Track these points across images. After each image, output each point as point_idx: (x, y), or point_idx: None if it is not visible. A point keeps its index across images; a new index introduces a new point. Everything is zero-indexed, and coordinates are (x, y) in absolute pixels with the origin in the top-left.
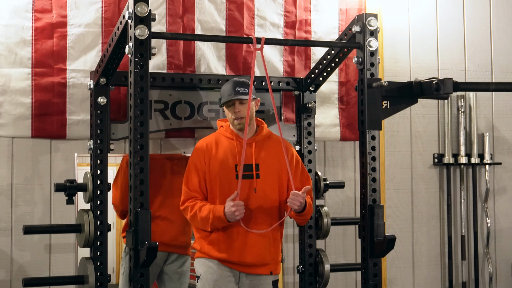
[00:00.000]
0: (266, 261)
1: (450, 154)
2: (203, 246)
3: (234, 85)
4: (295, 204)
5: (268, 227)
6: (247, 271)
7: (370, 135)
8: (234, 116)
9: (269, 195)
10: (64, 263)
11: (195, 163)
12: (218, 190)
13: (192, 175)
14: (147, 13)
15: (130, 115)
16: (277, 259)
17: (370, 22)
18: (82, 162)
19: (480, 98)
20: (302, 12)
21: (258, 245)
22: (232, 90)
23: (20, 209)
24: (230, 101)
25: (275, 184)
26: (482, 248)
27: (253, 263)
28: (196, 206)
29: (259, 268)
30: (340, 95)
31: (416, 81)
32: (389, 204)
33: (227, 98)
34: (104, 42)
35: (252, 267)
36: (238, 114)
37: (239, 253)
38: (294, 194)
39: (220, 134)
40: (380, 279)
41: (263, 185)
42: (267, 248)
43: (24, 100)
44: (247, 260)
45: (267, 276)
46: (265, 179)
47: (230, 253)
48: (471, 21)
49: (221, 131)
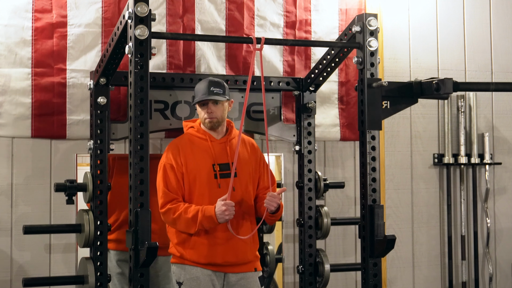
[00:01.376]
0: (248, 259)
1: (450, 154)
2: (184, 252)
3: (209, 84)
4: (272, 205)
5: (247, 223)
6: (231, 271)
7: (370, 135)
8: (206, 116)
9: (246, 192)
10: (64, 263)
11: (171, 163)
12: (197, 190)
13: (170, 175)
14: (147, 13)
15: (130, 115)
16: (257, 256)
17: (370, 22)
18: (82, 162)
19: (480, 98)
20: (302, 12)
21: (239, 244)
22: (206, 90)
23: (20, 209)
24: (203, 101)
25: (250, 182)
26: (482, 248)
27: (236, 262)
28: (180, 207)
29: (243, 266)
30: (340, 95)
31: (416, 81)
32: (389, 204)
33: (201, 98)
34: (104, 42)
35: (236, 266)
36: (211, 115)
37: (222, 254)
38: (272, 195)
39: (191, 135)
40: (380, 279)
41: (240, 183)
42: (248, 246)
43: (24, 100)
44: (231, 260)
45: (252, 273)
46: (241, 177)
47: (213, 256)
48: (471, 21)
49: (191, 132)
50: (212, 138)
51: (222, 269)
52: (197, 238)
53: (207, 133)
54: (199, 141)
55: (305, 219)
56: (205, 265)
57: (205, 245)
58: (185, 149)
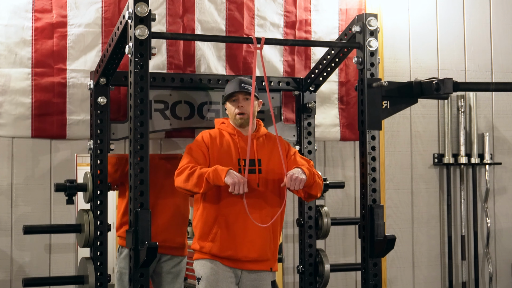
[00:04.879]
0: (267, 256)
1: (450, 154)
2: (204, 246)
3: (240, 81)
4: (297, 184)
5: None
6: (248, 268)
7: (370, 135)
8: (237, 111)
9: (271, 189)
10: (64, 263)
11: (200, 146)
12: None
13: (198, 152)
14: (147, 13)
15: (130, 115)
16: (276, 256)
17: (370, 22)
18: (82, 162)
19: (480, 98)
20: (302, 12)
21: (260, 240)
22: (238, 85)
23: (20, 209)
24: (234, 95)
25: (276, 179)
26: (482, 248)
27: (255, 258)
28: (197, 167)
29: (260, 263)
30: (340, 95)
31: (416, 81)
32: (389, 204)
33: (232, 90)
34: (104, 42)
35: (254, 262)
36: (241, 109)
37: (242, 248)
38: (290, 177)
39: (221, 130)
40: (380, 279)
41: (266, 180)
42: (267, 243)
43: (24, 100)
44: (250, 255)
45: (267, 273)
46: (267, 174)
47: (233, 249)
48: (471, 21)
49: (222, 127)
50: (241, 134)
51: (239, 266)
52: (218, 231)
53: (236, 128)
54: (228, 136)
55: (305, 219)
56: (223, 259)
57: (225, 238)
58: (214, 139)
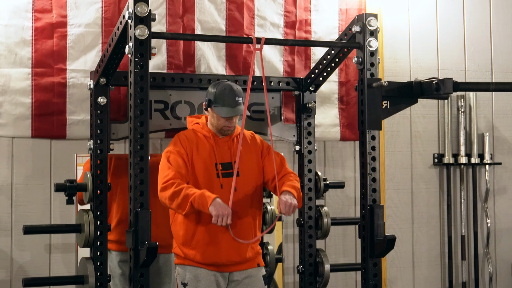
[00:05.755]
0: (251, 256)
1: (450, 154)
2: (187, 253)
3: (234, 95)
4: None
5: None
6: (235, 269)
7: (370, 135)
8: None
9: (250, 191)
10: (64, 263)
11: (180, 153)
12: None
13: (178, 160)
14: (147, 13)
15: (130, 115)
16: (259, 251)
17: (370, 22)
18: (82, 162)
19: (480, 98)
20: (302, 12)
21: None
22: (233, 101)
23: (20, 209)
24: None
25: (254, 180)
26: (482, 248)
27: (239, 261)
28: (183, 185)
29: (246, 264)
30: (340, 95)
31: (416, 81)
32: (389, 204)
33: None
34: (104, 42)
35: (239, 264)
36: (231, 124)
37: (224, 253)
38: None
39: (196, 131)
40: (380, 279)
41: (243, 182)
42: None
43: (24, 100)
44: (234, 259)
45: (256, 269)
46: (244, 176)
47: (215, 255)
48: (471, 21)
49: (196, 128)
50: (216, 136)
51: (225, 269)
52: (200, 238)
53: (211, 131)
54: (203, 139)
55: (305, 219)
56: (208, 265)
57: (207, 245)
58: (191, 142)
